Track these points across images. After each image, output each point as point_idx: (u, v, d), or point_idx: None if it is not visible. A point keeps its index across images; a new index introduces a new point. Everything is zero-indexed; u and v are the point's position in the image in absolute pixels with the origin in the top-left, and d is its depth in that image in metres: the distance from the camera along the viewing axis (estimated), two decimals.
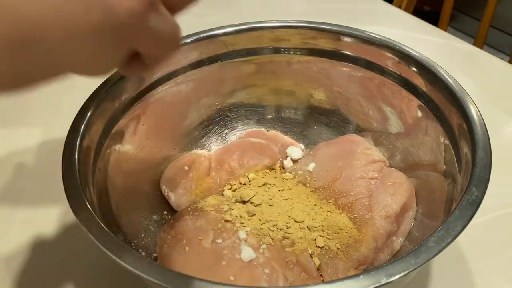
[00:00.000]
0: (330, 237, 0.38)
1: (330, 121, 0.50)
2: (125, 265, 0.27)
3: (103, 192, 0.37)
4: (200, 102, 0.49)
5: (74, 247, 0.42)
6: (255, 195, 0.42)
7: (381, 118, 0.46)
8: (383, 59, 0.44)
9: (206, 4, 0.81)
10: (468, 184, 0.31)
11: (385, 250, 0.39)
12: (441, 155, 0.39)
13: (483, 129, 0.35)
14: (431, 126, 0.41)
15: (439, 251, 0.28)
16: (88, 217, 0.30)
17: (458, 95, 0.37)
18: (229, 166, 0.45)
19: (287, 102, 0.51)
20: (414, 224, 0.40)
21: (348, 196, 0.41)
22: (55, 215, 0.45)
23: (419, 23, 0.75)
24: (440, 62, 0.41)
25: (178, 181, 0.44)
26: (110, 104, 0.39)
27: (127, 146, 0.42)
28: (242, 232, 0.38)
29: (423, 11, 1.74)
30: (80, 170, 0.33)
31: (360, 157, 0.44)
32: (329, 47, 0.47)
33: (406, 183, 0.41)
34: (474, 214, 0.29)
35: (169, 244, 0.38)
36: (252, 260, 0.36)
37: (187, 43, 0.45)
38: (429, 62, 0.41)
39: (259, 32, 0.47)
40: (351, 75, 0.47)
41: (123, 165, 0.41)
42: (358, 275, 0.26)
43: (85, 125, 0.36)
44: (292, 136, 0.51)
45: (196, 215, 0.40)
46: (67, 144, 0.35)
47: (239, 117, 0.51)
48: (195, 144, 0.49)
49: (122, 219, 0.38)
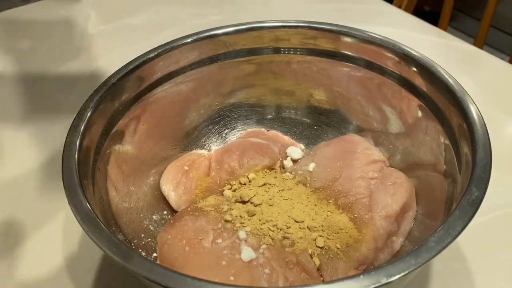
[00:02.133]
0: (330, 237, 0.38)
1: (330, 121, 0.50)
2: (126, 265, 0.27)
3: (103, 192, 0.37)
4: (200, 102, 0.49)
5: (74, 247, 0.42)
6: (255, 195, 0.42)
7: (381, 118, 0.46)
8: (383, 59, 0.44)
9: (206, 4, 0.81)
10: (468, 184, 0.31)
11: (385, 250, 0.39)
12: (441, 155, 0.39)
13: (483, 129, 0.35)
14: (431, 126, 0.41)
15: (439, 251, 0.27)
16: (88, 217, 0.30)
17: (458, 95, 0.37)
18: (229, 166, 0.45)
19: (287, 102, 0.51)
20: (414, 224, 0.40)
21: (348, 196, 0.41)
22: (55, 215, 0.45)
23: (419, 23, 0.75)
24: (440, 62, 0.41)
25: (178, 181, 0.44)
26: (110, 104, 0.39)
27: (127, 146, 0.42)
28: (242, 232, 0.38)
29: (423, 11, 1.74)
30: (80, 170, 0.33)
31: (360, 157, 0.44)
32: (329, 47, 0.47)
33: (406, 183, 0.41)
34: (474, 214, 0.29)
35: (169, 244, 0.38)
36: (252, 260, 0.36)
37: (187, 43, 0.45)
38: (429, 62, 0.41)
39: (259, 32, 0.47)
40: (351, 75, 0.47)
41: (123, 165, 0.41)
42: (358, 275, 0.26)
43: (85, 125, 0.36)
44: (292, 136, 0.51)
45: (196, 215, 0.40)
46: (67, 144, 0.35)
47: (239, 117, 0.51)
48: (195, 144, 0.49)
49: (122, 219, 0.38)
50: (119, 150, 0.40)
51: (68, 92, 0.61)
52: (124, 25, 0.76)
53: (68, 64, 0.67)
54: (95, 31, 0.75)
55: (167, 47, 0.44)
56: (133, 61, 0.42)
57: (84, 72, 0.65)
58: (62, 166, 0.33)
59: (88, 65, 0.66)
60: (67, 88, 0.62)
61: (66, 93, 0.61)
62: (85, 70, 0.65)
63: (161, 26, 0.75)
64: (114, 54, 0.68)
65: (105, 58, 0.68)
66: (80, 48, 0.71)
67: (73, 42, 0.72)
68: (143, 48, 0.44)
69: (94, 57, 0.68)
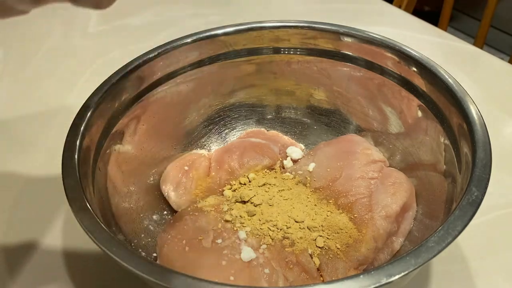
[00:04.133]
0: (330, 237, 0.38)
1: (330, 121, 0.50)
2: (125, 265, 0.27)
3: (103, 192, 0.37)
4: (200, 102, 0.49)
5: (74, 247, 0.42)
6: (255, 195, 0.42)
7: (381, 118, 0.46)
8: (383, 59, 0.44)
9: (206, 4, 0.81)
10: (468, 184, 0.31)
11: (385, 250, 0.39)
12: (441, 155, 0.39)
13: (483, 129, 0.35)
14: (431, 126, 0.41)
15: (439, 251, 0.27)
16: (88, 217, 0.30)
17: (458, 95, 0.37)
18: (229, 166, 0.45)
19: (287, 102, 0.51)
20: (414, 224, 0.40)
21: (348, 196, 0.41)
22: (55, 215, 0.45)
23: (419, 23, 0.75)
24: (440, 62, 0.41)
25: (178, 181, 0.44)
26: (110, 104, 0.39)
27: (127, 146, 0.42)
28: (242, 232, 0.38)
29: (423, 11, 1.74)
30: (80, 170, 0.33)
31: (360, 157, 0.44)
32: (329, 47, 0.47)
33: (406, 183, 0.41)
34: (474, 214, 0.29)
35: (169, 244, 0.38)
36: (252, 260, 0.36)
37: (187, 43, 0.45)
38: (429, 62, 0.41)
39: (259, 32, 0.47)
40: (351, 75, 0.47)
41: (123, 165, 0.41)
42: (358, 275, 0.26)
43: (85, 125, 0.36)
44: (292, 136, 0.51)
45: (196, 215, 0.40)
46: (67, 144, 0.35)
47: (239, 117, 0.51)
48: (195, 144, 0.49)
49: (122, 219, 0.38)
50: (119, 150, 0.40)
51: (68, 92, 0.61)
52: (124, 25, 0.76)
53: (68, 64, 0.67)
54: (95, 31, 0.75)
55: (167, 47, 0.44)
56: (133, 61, 0.42)
57: (84, 72, 0.65)
58: (62, 166, 0.33)
59: (88, 65, 0.66)
60: (67, 88, 0.62)
61: (66, 93, 0.61)
62: (85, 70, 0.65)
63: (161, 26, 0.75)
64: (114, 54, 0.68)
65: (105, 58, 0.68)
66: (80, 48, 0.71)
67: (73, 42, 0.73)
68: (143, 48, 0.44)
69: (94, 57, 0.68)
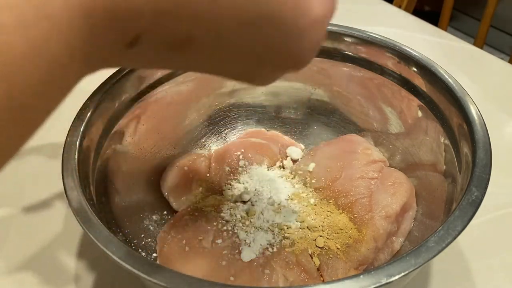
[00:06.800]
0: (330, 237, 0.38)
1: (330, 121, 0.50)
2: (125, 265, 0.27)
3: (103, 192, 0.37)
4: (200, 102, 0.49)
5: (74, 247, 0.42)
6: (255, 195, 0.42)
7: (381, 118, 0.46)
8: (383, 59, 0.44)
9: None
10: (468, 184, 0.31)
11: (385, 250, 0.39)
12: (441, 155, 0.39)
13: (483, 129, 0.35)
14: (431, 126, 0.41)
15: (439, 251, 0.28)
16: (88, 217, 0.30)
17: (458, 95, 0.37)
18: (229, 166, 0.45)
19: (287, 102, 0.51)
20: (414, 224, 0.40)
21: (348, 196, 0.41)
22: (55, 215, 0.45)
23: (419, 23, 0.75)
24: (440, 62, 0.41)
25: (178, 181, 0.44)
26: (110, 104, 0.39)
27: (127, 146, 0.41)
28: (242, 232, 0.38)
29: (423, 11, 1.74)
30: (80, 170, 0.33)
31: (360, 157, 0.44)
32: (329, 47, 0.47)
33: (406, 183, 0.41)
34: (474, 214, 0.29)
35: (169, 244, 0.38)
36: (252, 260, 0.36)
37: None
38: (429, 62, 0.41)
39: None
40: (351, 75, 0.47)
41: (123, 165, 0.41)
42: (358, 275, 0.26)
43: (85, 125, 0.36)
44: (292, 136, 0.51)
45: (196, 215, 0.40)
46: (67, 144, 0.35)
47: (239, 117, 0.51)
48: (195, 144, 0.49)
49: (122, 219, 0.38)
50: (119, 150, 0.40)
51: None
52: None
53: None
54: None
55: None
56: None
57: None
58: (62, 166, 0.33)
59: None
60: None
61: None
62: None
63: None
64: None
65: None
66: None
67: None
68: None
69: None
